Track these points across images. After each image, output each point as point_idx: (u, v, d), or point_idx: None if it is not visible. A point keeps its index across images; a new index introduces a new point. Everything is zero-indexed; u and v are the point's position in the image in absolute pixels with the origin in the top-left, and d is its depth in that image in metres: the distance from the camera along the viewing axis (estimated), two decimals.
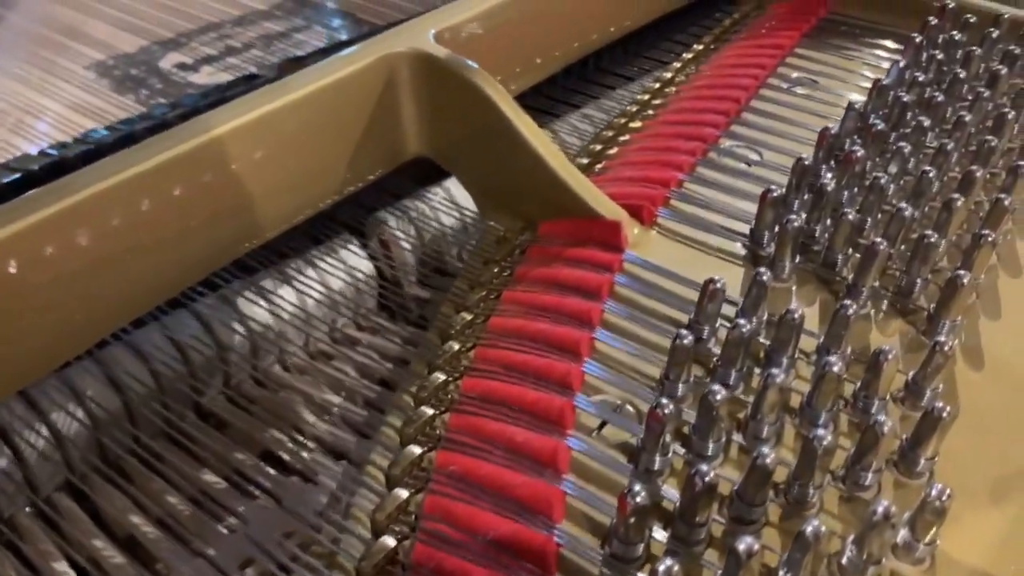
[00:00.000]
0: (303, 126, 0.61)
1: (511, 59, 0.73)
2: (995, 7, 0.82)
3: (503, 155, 0.63)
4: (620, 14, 0.85)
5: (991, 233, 0.52)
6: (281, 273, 0.73)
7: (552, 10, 0.76)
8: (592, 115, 0.82)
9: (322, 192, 0.65)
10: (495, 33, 0.71)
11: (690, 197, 0.64)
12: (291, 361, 0.66)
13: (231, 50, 1.13)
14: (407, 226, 0.77)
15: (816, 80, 0.80)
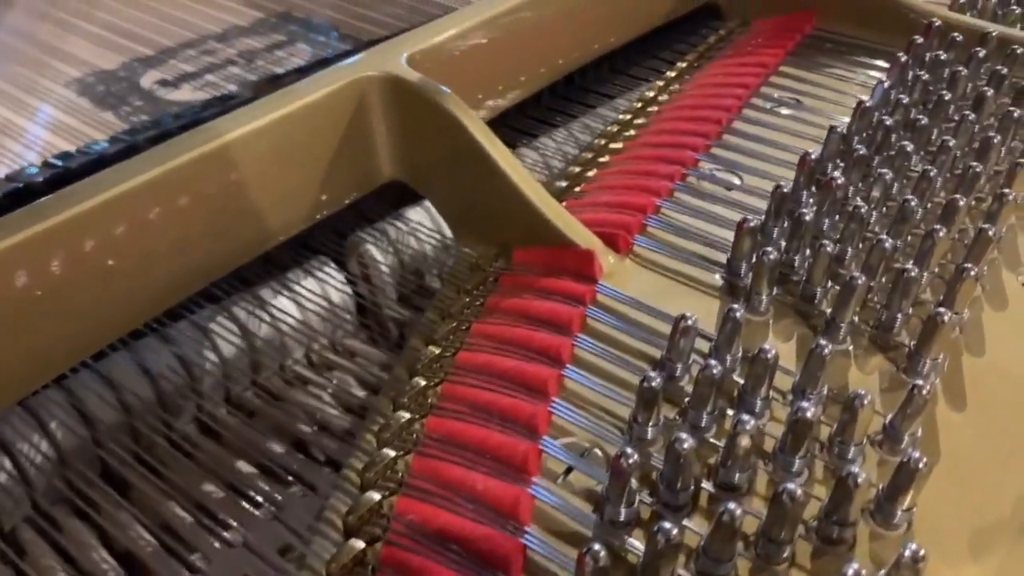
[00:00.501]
0: (273, 151, 0.60)
1: (487, 80, 0.72)
2: (982, 25, 0.81)
3: (475, 181, 0.61)
4: (601, 33, 0.83)
5: (973, 267, 0.50)
6: (255, 297, 0.71)
7: (530, 31, 0.75)
8: (574, 135, 0.80)
9: (294, 218, 0.64)
10: (470, 55, 0.69)
11: (668, 224, 0.62)
12: (266, 386, 0.65)
13: (212, 66, 1.11)
14: (386, 247, 0.75)
15: (800, 100, 0.78)
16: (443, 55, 0.67)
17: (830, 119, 0.74)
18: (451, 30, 0.67)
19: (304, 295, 0.71)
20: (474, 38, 0.69)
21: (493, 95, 0.72)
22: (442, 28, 0.67)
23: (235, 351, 0.67)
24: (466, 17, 0.69)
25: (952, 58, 0.77)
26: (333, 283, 0.71)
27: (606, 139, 0.76)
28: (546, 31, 0.76)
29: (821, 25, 0.91)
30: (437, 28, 0.68)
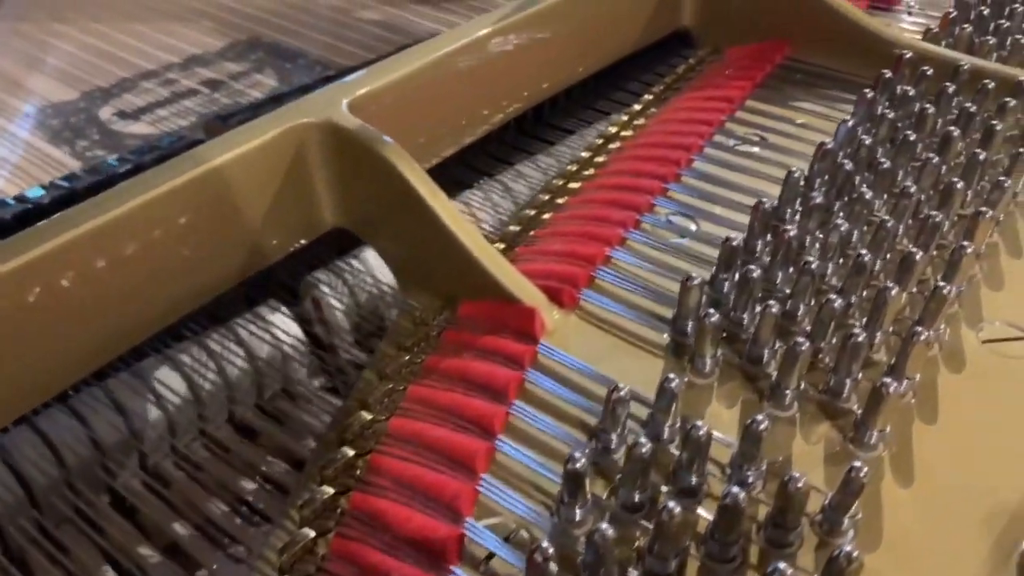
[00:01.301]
0: (209, 201, 0.58)
1: (435, 124, 0.69)
2: (955, 57, 0.78)
3: (416, 233, 0.59)
4: (560, 69, 0.81)
5: (926, 330, 0.48)
6: (202, 346, 0.69)
7: (480, 72, 0.72)
8: (530, 175, 0.78)
9: (233, 269, 0.62)
10: (416, 99, 0.67)
11: (618, 276, 0.60)
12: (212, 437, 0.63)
13: (176, 96, 1.09)
14: (341, 287, 0.73)
15: (764, 137, 0.76)
16: (387, 99, 0.64)
17: (795, 157, 0.72)
18: (395, 73, 0.65)
19: (253, 341, 0.69)
20: (420, 81, 0.66)
21: (441, 139, 0.70)
22: (386, 71, 0.65)
23: (180, 401, 0.65)
24: (411, 59, 0.66)
25: (923, 91, 0.75)
26: (285, 327, 0.70)
27: (564, 179, 0.74)
28: (498, 71, 0.74)
29: (794, 54, 0.88)
30: (381, 71, 0.65)
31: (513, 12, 0.76)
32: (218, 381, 0.68)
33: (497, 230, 0.70)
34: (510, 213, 0.73)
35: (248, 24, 1.27)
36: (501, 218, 0.72)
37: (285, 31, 1.25)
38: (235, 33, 1.25)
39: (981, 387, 0.50)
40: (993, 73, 0.76)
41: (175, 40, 1.22)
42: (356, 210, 0.63)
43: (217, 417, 0.69)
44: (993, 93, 0.72)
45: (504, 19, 0.75)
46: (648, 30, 0.92)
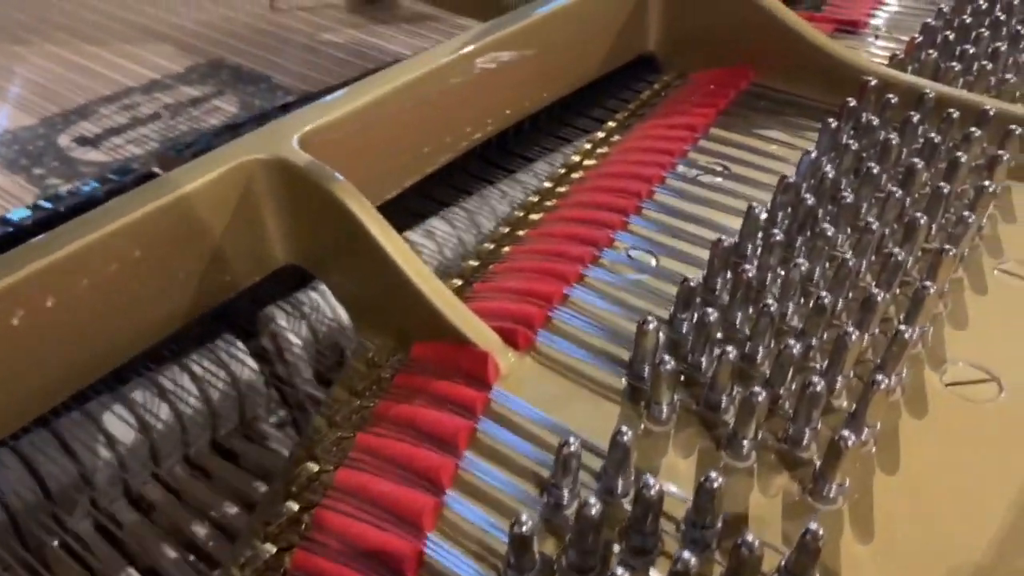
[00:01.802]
0: (157, 239, 0.57)
1: (389, 157, 0.68)
2: (920, 84, 0.78)
3: (367, 271, 0.57)
4: (521, 97, 0.80)
5: (886, 378, 0.47)
6: (155, 385, 0.68)
7: (437, 103, 0.71)
8: (493, 205, 0.77)
9: (184, 306, 0.60)
10: (369, 132, 0.65)
11: (575, 315, 0.58)
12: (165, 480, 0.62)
13: (136, 122, 1.07)
14: (299, 320, 0.71)
15: (727, 167, 0.75)
16: (339, 133, 0.63)
17: (758, 189, 0.71)
18: (348, 106, 0.64)
19: (208, 377, 0.68)
20: (375, 114, 0.65)
21: (399, 171, 0.68)
22: (338, 104, 0.64)
23: (132, 442, 0.63)
24: (365, 91, 0.65)
25: (888, 119, 0.74)
26: (240, 362, 0.68)
27: (525, 211, 0.72)
28: (458, 100, 0.72)
29: (759, 79, 0.87)
30: (333, 104, 0.64)
31: (474, 39, 0.75)
32: (171, 420, 0.67)
33: (456, 264, 0.68)
34: (470, 246, 0.72)
35: (211, 47, 1.25)
36: (461, 251, 0.71)
37: (249, 54, 1.23)
38: (198, 56, 1.23)
39: (944, 433, 0.49)
40: (958, 101, 0.75)
41: (137, 63, 1.20)
42: (308, 247, 0.61)
43: (171, 457, 0.68)
44: (958, 122, 0.71)
45: (464, 47, 0.74)
46: (613, 55, 0.91)
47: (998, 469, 0.47)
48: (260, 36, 1.28)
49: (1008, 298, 0.59)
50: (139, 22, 1.30)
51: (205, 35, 1.28)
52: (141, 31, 1.28)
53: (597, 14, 0.87)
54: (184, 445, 0.68)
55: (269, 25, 1.32)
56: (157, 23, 1.29)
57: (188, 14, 1.32)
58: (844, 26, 0.99)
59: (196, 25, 1.29)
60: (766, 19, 0.85)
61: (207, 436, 0.69)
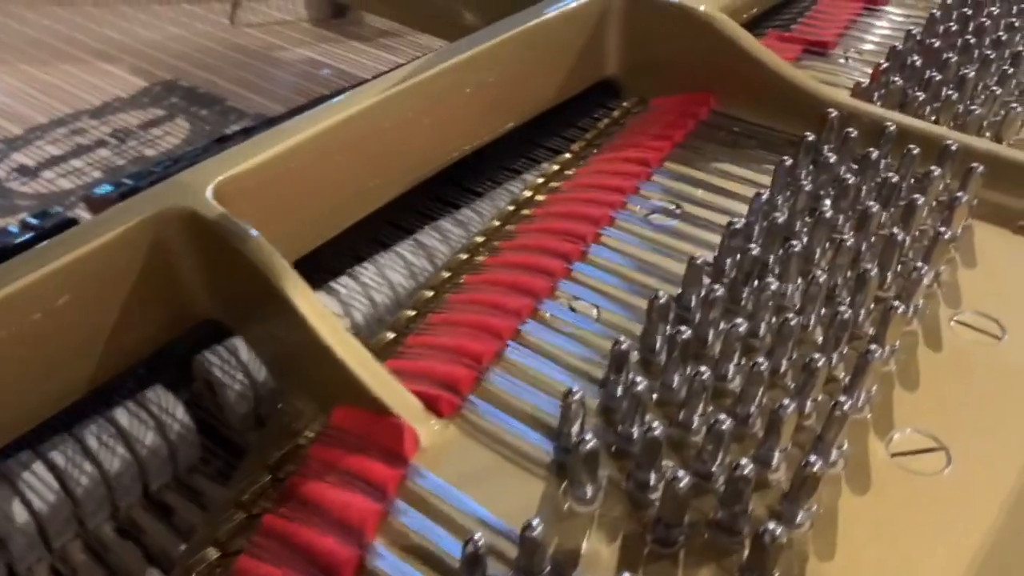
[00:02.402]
0: (66, 297, 0.53)
1: (320, 203, 0.65)
2: (882, 116, 0.74)
3: (282, 331, 0.54)
4: (469, 131, 0.76)
5: (823, 458, 0.43)
6: (77, 440, 0.64)
7: (376, 140, 0.68)
8: (435, 246, 0.73)
9: (96, 368, 0.57)
10: (295, 179, 0.62)
11: (507, 376, 0.55)
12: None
13: (82, 148, 1.04)
14: (235, 366, 0.68)
15: (680, 206, 0.71)
16: (259, 181, 0.59)
17: (710, 231, 0.67)
18: (270, 151, 0.60)
19: (137, 429, 0.64)
20: (296, 159, 0.62)
21: (329, 218, 0.65)
22: (259, 149, 0.60)
23: (53, 502, 0.60)
24: (286, 135, 0.61)
25: (847, 154, 0.71)
26: (173, 412, 0.64)
27: (468, 253, 0.69)
28: (398, 139, 0.69)
29: (720, 107, 0.84)
30: (253, 149, 0.60)
31: (413, 73, 0.72)
32: (95, 477, 0.64)
33: (392, 313, 0.65)
34: (408, 292, 0.68)
35: (167, 67, 1.22)
36: (398, 299, 0.67)
37: (205, 74, 1.20)
38: (152, 77, 1.20)
39: (887, 511, 0.46)
40: (920, 134, 0.72)
41: (88, 86, 1.17)
42: (226, 303, 0.58)
43: (97, 516, 0.64)
44: (920, 157, 0.68)
45: (402, 82, 0.71)
46: (572, 80, 0.87)
47: (943, 552, 0.44)
48: (218, 55, 1.24)
49: (962, 354, 0.55)
50: (92, 42, 1.26)
51: (161, 55, 1.24)
52: (94, 52, 1.24)
53: (554, 39, 0.84)
54: (111, 503, 0.64)
55: (229, 43, 1.28)
56: (111, 43, 1.26)
57: (144, 33, 1.28)
58: (813, 47, 0.96)
59: (152, 44, 1.26)
60: (725, 45, 0.82)
61: (137, 493, 0.66)
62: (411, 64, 0.73)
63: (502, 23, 0.80)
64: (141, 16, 1.30)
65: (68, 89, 1.16)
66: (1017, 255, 0.64)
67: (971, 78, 0.79)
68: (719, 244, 0.62)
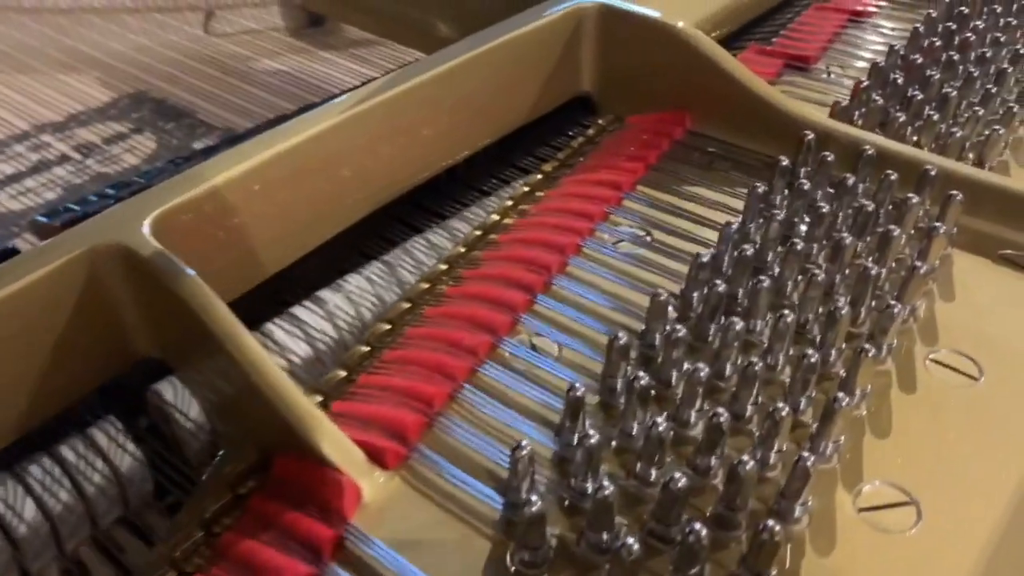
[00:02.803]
0: None
1: (265, 237, 0.62)
2: (860, 137, 0.72)
3: (218, 375, 0.51)
4: (435, 151, 0.74)
5: (784, 523, 0.41)
6: (18, 479, 0.62)
7: (333, 164, 0.65)
8: (398, 275, 0.70)
9: (38, 404, 0.54)
10: (240, 211, 0.59)
11: (461, 423, 0.52)
12: None
13: (44, 164, 1.01)
14: (188, 398, 0.65)
15: (650, 233, 0.69)
16: (201, 213, 0.57)
17: (679, 261, 0.65)
18: (212, 181, 0.57)
19: (84, 466, 0.61)
20: (241, 190, 0.59)
21: (275, 251, 0.62)
22: (204, 177, 0.57)
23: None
24: (231, 164, 0.59)
25: (826, 175, 0.68)
26: (124, 446, 0.62)
27: (430, 282, 0.66)
28: (355, 163, 0.67)
29: (695, 127, 0.81)
30: (194, 179, 0.57)
31: (373, 93, 0.69)
32: (37, 518, 0.61)
33: (344, 349, 0.62)
34: (362, 325, 0.65)
35: (138, 77, 1.19)
36: (352, 332, 0.65)
37: (178, 85, 1.17)
38: (123, 87, 1.17)
39: (853, 572, 0.43)
40: (900, 157, 0.69)
41: (56, 97, 1.14)
42: (164, 342, 0.56)
43: (42, 555, 0.62)
44: (899, 182, 0.66)
45: (363, 102, 0.68)
46: (545, 97, 0.85)
47: None
48: (190, 66, 1.21)
49: (937, 397, 0.53)
50: (59, 53, 1.23)
51: (133, 64, 1.22)
52: (61, 63, 1.21)
53: (526, 53, 0.81)
54: (56, 543, 0.62)
55: (202, 52, 1.25)
56: (79, 54, 1.23)
57: (114, 44, 1.25)
58: (795, 61, 0.93)
59: (122, 55, 1.23)
60: (701, 63, 0.79)
61: (85, 531, 0.63)
62: (371, 84, 0.70)
63: (470, 39, 0.77)
64: (112, 26, 1.27)
65: (30, 103, 1.13)
66: (997, 287, 0.61)
67: (953, 97, 0.76)
68: (687, 276, 0.59)
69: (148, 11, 1.28)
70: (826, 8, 1.05)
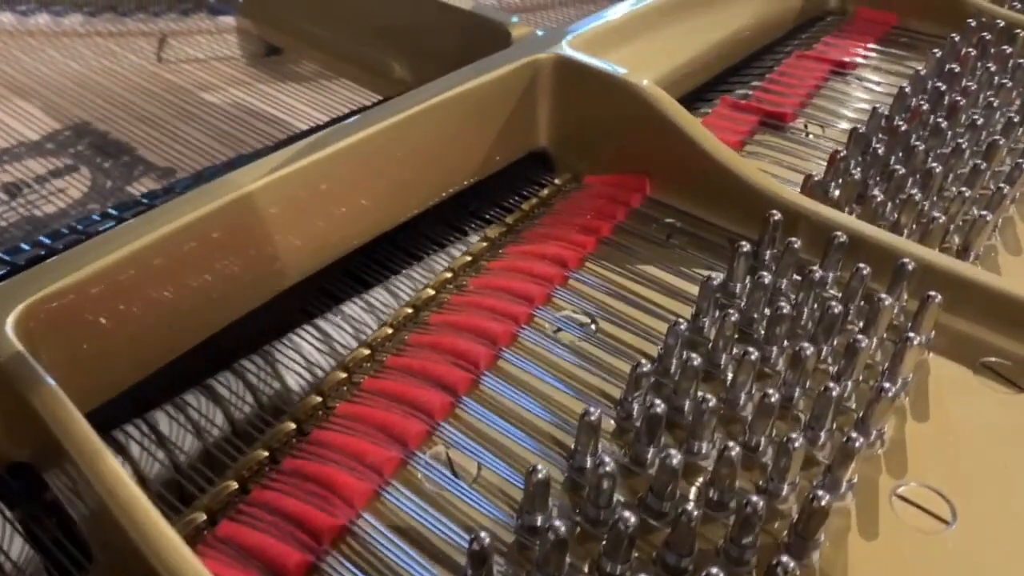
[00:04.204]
0: None
1: (162, 322, 0.55)
2: (832, 220, 0.65)
3: (77, 495, 0.45)
4: (369, 217, 0.67)
5: None
6: None
7: (240, 241, 0.58)
8: (310, 361, 0.63)
9: None
10: (131, 295, 0.52)
11: (351, 559, 0.45)
12: None
13: None
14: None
15: (594, 322, 0.62)
16: (77, 303, 0.50)
17: (622, 358, 0.58)
18: (93, 265, 0.50)
19: None
20: (136, 267, 0.52)
21: (173, 336, 0.55)
22: (78, 263, 0.51)
23: None
24: (121, 241, 0.52)
25: (789, 263, 0.62)
26: None
27: (347, 371, 0.59)
28: (268, 237, 0.60)
29: (655, 193, 0.75)
30: (72, 263, 0.51)
31: (301, 154, 0.62)
32: None
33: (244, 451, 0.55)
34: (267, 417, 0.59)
35: (82, 107, 1.12)
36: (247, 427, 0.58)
37: (122, 117, 1.10)
38: (65, 118, 1.10)
39: None
40: (874, 245, 0.62)
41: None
42: (30, 449, 0.49)
43: None
44: (875, 271, 0.59)
45: (285, 165, 0.61)
46: (499, 152, 0.78)
47: None
48: (140, 95, 1.14)
49: (901, 545, 0.46)
50: (3, 76, 1.16)
51: (78, 93, 1.14)
52: (7, 85, 1.14)
53: (479, 106, 0.75)
54: None
55: (153, 80, 1.18)
56: (27, 76, 1.16)
57: (63, 66, 1.18)
58: (770, 118, 0.86)
59: (71, 78, 1.16)
60: (662, 126, 0.73)
61: None
62: (292, 147, 0.63)
63: (418, 92, 0.70)
64: (59, 52, 1.20)
65: None
66: (977, 405, 0.55)
67: (938, 173, 0.69)
68: (626, 386, 0.52)
69: (99, 35, 1.22)
70: (808, 57, 0.98)
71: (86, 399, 0.49)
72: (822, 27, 1.09)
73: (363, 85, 1.04)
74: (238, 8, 1.18)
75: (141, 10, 1.22)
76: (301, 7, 1.07)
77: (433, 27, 0.89)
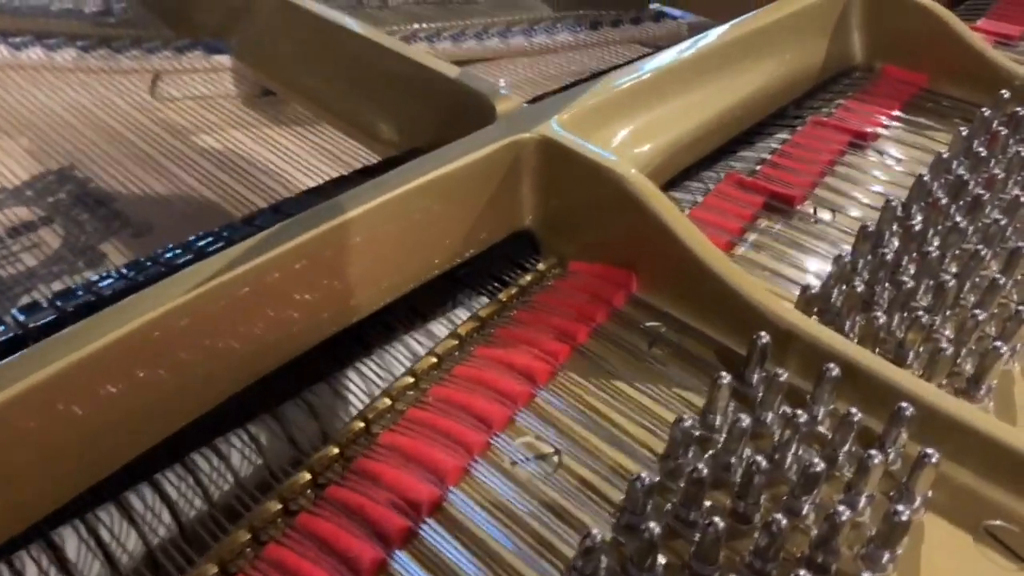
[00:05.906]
0: None
1: (109, 430, 0.50)
2: (827, 348, 0.59)
3: None
4: (311, 324, 0.62)
5: None
6: None
7: (167, 357, 0.54)
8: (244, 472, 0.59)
9: None
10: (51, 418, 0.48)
11: None
12: None
13: None
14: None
15: (558, 453, 0.56)
16: None
17: (587, 504, 0.53)
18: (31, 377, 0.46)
19: None
20: (47, 395, 0.47)
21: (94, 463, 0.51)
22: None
23: None
24: (68, 348, 0.47)
25: (773, 396, 0.56)
26: None
27: (284, 501, 0.54)
28: (208, 346, 0.55)
29: (641, 292, 0.69)
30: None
31: (257, 250, 0.57)
32: None
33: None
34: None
35: (69, 150, 1.08)
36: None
37: (108, 161, 1.06)
38: (50, 161, 1.06)
39: None
40: (872, 377, 0.56)
41: None
42: None
43: None
44: (872, 402, 0.53)
45: (235, 265, 0.56)
46: (481, 232, 0.73)
47: None
48: (129, 136, 1.10)
49: None
50: None
51: (67, 134, 1.11)
52: None
53: (459, 187, 0.69)
54: None
55: (144, 121, 1.14)
56: (10, 116, 1.12)
57: (52, 104, 1.15)
58: (777, 199, 0.80)
59: (58, 119, 1.12)
60: (646, 220, 0.67)
61: None
62: (251, 240, 0.58)
63: (395, 175, 0.65)
64: (49, 86, 1.16)
65: None
66: None
67: (951, 288, 0.63)
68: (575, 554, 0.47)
69: (90, 71, 1.18)
70: (826, 125, 0.91)
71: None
72: (846, 85, 1.02)
73: (353, 138, 1.00)
74: (232, 49, 1.14)
75: (136, 46, 1.19)
76: (291, 56, 1.02)
77: (419, 91, 0.84)
